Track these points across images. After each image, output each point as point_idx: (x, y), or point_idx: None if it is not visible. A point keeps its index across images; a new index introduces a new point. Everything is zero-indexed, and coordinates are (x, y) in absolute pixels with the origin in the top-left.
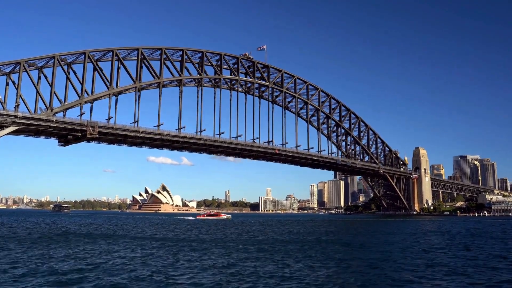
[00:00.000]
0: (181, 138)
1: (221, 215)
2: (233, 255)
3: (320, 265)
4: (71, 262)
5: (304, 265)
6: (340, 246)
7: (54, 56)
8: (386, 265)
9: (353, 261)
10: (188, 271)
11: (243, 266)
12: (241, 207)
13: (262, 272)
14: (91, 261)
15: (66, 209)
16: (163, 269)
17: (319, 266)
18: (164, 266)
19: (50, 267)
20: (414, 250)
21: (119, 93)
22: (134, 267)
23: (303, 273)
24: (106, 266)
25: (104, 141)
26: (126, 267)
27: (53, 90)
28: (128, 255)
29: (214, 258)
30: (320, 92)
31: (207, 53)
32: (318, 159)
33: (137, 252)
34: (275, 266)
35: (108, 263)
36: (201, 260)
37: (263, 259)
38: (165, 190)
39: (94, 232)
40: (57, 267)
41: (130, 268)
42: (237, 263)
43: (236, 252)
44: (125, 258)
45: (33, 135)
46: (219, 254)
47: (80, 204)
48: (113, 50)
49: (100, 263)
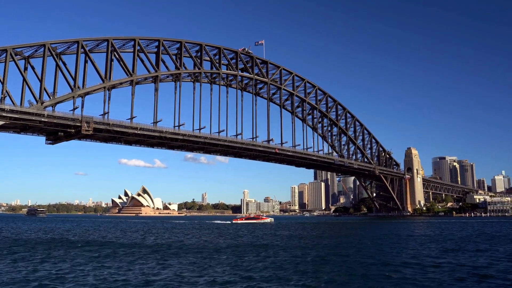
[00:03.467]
0: (181, 136)
1: (264, 218)
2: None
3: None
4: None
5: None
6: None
7: (45, 44)
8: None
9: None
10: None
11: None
12: (222, 209)
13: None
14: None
15: (42, 213)
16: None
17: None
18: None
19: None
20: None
21: (112, 87)
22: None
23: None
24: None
25: (97, 139)
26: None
27: (44, 82)
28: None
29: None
30: (317, 90)
31: (205, 46)
32: (317, 159)
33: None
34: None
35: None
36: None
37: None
38: (145, 192)
39: (135, 241)
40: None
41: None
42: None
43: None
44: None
45: (19, 132)
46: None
47: (54, 208)
48: (109, 40)
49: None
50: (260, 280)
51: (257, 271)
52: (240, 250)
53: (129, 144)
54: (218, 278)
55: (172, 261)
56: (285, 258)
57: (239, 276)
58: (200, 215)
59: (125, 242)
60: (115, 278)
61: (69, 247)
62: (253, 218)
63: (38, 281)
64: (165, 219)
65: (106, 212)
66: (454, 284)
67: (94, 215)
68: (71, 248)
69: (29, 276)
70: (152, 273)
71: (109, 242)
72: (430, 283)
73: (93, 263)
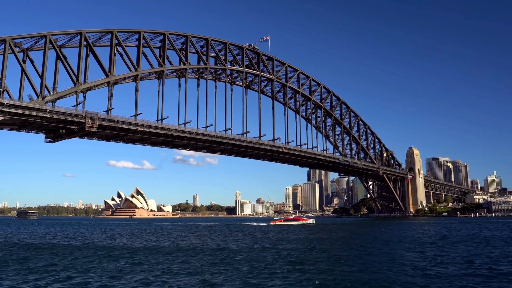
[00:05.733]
0: (187, 133)
1: (304, 219)
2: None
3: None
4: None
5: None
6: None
7: (46, 35)
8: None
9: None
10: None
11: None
12: (217, 211)
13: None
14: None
15: (33, 215)
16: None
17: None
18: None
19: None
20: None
21: (115, 83)
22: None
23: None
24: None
25: (99, 137)
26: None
27: (44, 75)
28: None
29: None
30: (322, 88)
31: (212, 41)
32: (323, 158)
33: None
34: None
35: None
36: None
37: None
38: (139, 194)
39: (160, 246)
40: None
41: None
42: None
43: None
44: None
45: (18, 129)
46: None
47: (44, 210)
48: (113, 32)
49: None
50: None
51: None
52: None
53: (132, 143)
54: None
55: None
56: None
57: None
58: (194, 216)
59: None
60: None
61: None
62: (293, 220)
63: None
64: (177, 221)
65: (99, 214)
66: None
67: (87, 217)
68: (130, 256)
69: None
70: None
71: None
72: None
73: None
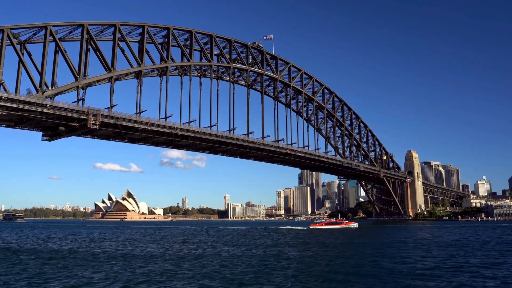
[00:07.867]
0: (192, 133)
1: (348, 223)
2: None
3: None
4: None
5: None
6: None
7: (46, 25)
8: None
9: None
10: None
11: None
12: (209, 214)
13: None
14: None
15: (20, 218)
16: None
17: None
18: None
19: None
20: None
21: (116, 79)
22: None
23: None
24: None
25: (100, 135)
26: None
27: (45, 69)
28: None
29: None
30: (324, 89)
31: (216, 38)
32: (326, 160)
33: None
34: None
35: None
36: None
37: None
38: (130, 196)
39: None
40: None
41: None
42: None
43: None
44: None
45: (14, 125)
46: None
47: (32, 213)
48: (116, 25)
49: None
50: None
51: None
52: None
53: (133, 142)
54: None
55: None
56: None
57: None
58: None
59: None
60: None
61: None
62: (335, 223)
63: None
64: (193, 225)
65: (88, 217)
66: None
67: (75, 220)
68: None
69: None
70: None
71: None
72: None
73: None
